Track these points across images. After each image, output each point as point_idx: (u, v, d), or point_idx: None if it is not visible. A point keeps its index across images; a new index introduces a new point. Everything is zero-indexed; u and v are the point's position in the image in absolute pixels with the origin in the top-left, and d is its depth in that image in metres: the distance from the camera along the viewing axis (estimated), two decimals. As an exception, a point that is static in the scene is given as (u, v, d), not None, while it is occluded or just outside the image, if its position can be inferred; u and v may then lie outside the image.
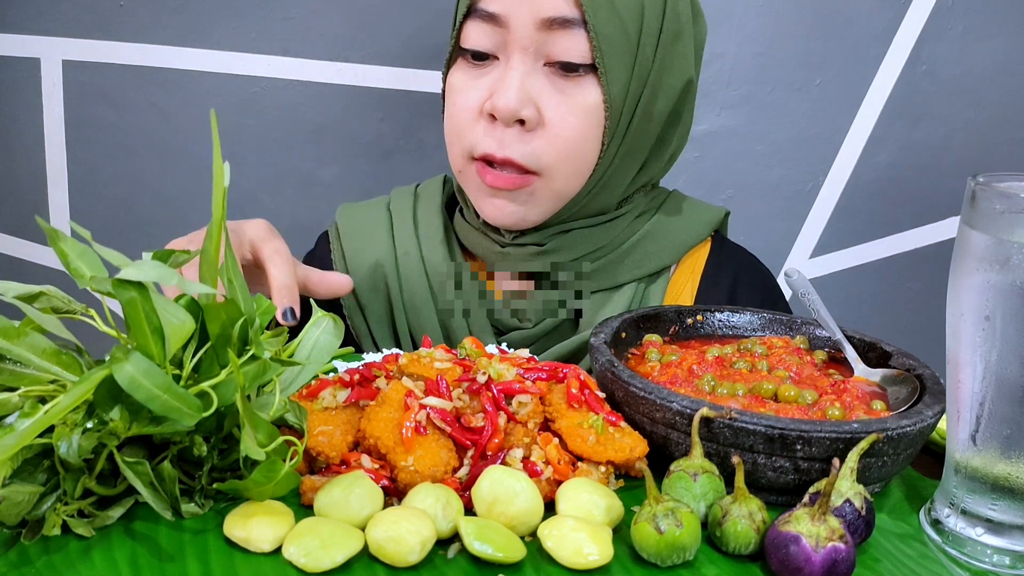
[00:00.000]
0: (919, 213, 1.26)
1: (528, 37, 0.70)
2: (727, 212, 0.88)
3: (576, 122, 0.72)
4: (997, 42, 1.18)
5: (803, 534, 0.45)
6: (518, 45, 0.70)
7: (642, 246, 0.82)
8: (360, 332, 0.85)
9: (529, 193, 0.74)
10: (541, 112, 0.71)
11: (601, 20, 0.69)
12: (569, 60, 0.70)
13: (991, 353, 0.48)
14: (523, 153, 0.72)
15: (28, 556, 0.44)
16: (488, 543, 0.44)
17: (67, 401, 0.41)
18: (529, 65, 0.71)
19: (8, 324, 0.45)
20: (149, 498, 0.44)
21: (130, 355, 0.42)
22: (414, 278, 0.82)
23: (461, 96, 0.74)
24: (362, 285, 0.84)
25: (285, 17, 1.13)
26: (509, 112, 0.70)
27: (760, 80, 1.20)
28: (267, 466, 0.45)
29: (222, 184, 0.46)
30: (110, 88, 1.15)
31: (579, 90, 0.72)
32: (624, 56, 0.71)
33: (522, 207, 0.75)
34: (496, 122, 0.72)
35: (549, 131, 0.72)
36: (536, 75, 0.71)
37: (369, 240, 0.86)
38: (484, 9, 0.71)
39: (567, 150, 0.73)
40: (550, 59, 0.71)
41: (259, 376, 0.47)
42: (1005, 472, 0.49)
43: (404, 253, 0.83)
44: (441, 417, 0.52)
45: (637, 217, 0.82)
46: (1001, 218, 0.47)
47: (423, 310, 0.82)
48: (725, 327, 0.72)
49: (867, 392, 0.60)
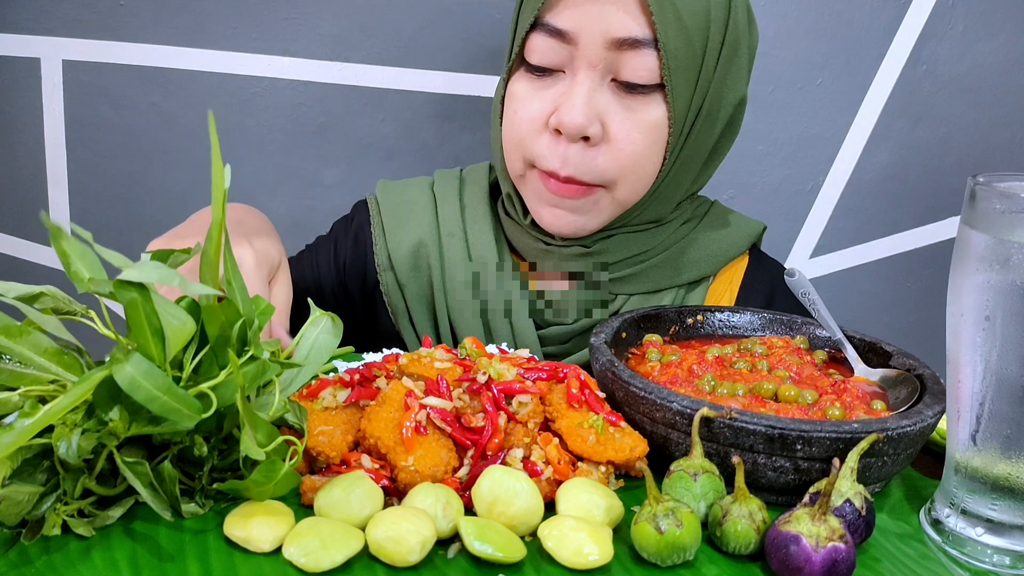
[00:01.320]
0: (920, 213, 1.26)
1: (597, 55, 0.70)
2: (765, 227, 0.89)
3: (641, 138, 0.72)
4: (998, 42, 1.18)
5: (803, 534, 0.45)
6: (586, 62, 0.70)
7: (684, 254, 0.82)
8: (397, 310, 0.85)
9: (593, 203, 0.75)
10: (606, 128, 0.72)
11: (671, 39, 0.68)
12: (637, 81, 0.70)
13: (991, 353, 0.48)
14: (586, 171, 0.72)
15: (28, 556, 0.44)
16: (488, 543, 0.45)
17: (66, 401, 0.41)
18: (596, 81, 0.71)
19: (10, 323, 0.45)
20: (148, 498, 0.45)
21: (130, 356, 0.42)
22: (457, 260, 0.82)
23: (524, 106, 0.74)
24: (403, 264, 0.84)
25: (285, 17, 1.13)
26: (576, 129, 0.70)
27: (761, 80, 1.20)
28: (267, 466, 0.45)
29: (222, 186, 0.46)
30: (110, 88, 1.15)
31: (645, 107, 0.72)
32: (689, 72, 0.71)
33: (582, 217, 0.76)
34: (561, 137, 0.72)
35: (613, 147, 0.72)
36: (602, 91, 0.71)
37: (412, 218, 0.85)
38: (552, 24, 0.70)
39: (631, 165, 0.73)
40: (617, 77, 0.71)
41: (258, 377, 0.47)
42: (1005, 472, 0.49)
43: (449, 234, 0.83)
44: (441, 417, 0.52)
45: (682, 225, 0.83)
46: (1001, 218, 0.47)
47: (462, 294, 0.81)
48: (725, 327, 0.72)
49: (867, 392, 0.60)
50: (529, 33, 0.72)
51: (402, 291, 0.84)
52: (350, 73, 1.16)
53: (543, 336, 0.81)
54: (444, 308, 0.82)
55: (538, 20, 0.71)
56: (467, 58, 1.15)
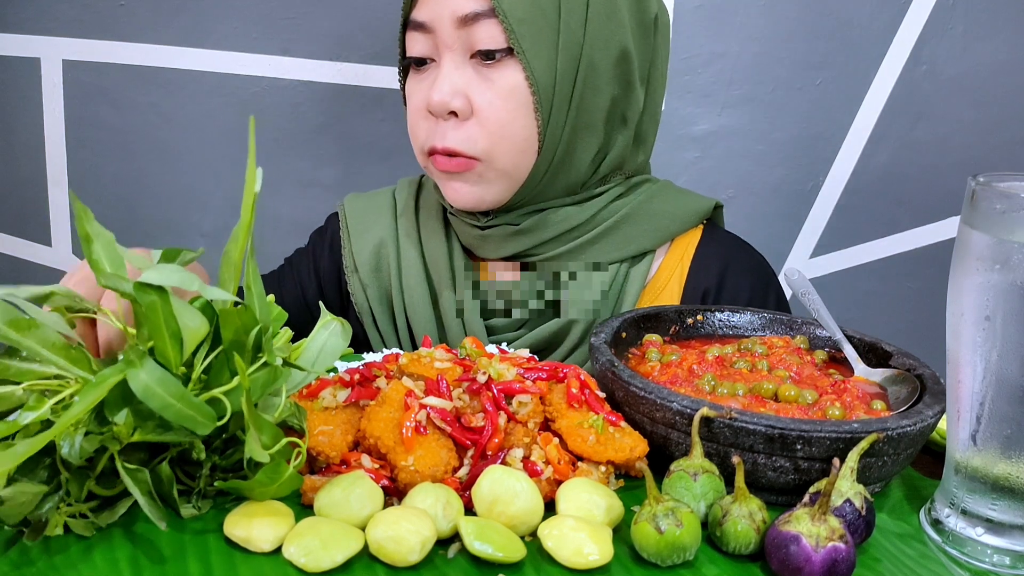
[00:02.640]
0: (919, 213, 1.26)
1: (451, 36, 0.76)
2: (719, 204, 0.90)
3: (502, 104, 0.76)
4: (998, 41, 1.18)
5: (803, 534, 0.45)
6: (445, 45, 0.76)
7: (622, 229, 0.84)
8: (362, 311, 0.89)
9: (478, 175, 0.79)
10: (472, 101, 0.76)
11: (511, 6, 0.73)
12: (486, 48, 0.75)
13: (991, 353, 0.48)
14: (459, 140, 0.77)
15: (29, 556, 0.44)
16: (488, 543, 0.45)
17: (80, 407, 0.41)
18: (457, 61, 0.76)
19: (19, 316, 0.45)
20: (146, 507, 0.44)
21: (145, 362, 0.42)
22: (411, 261, 0.87)
23: (411, 100, 0.81)
24: (365, 266, 0.89)
25: (285, 17, 1.13)
26: (439, 105, 0.76)
27: (761, 80, 1.20)
28: (271, 468, 0.45)
29: (253, 188, 0.46)
30: (110, 88, 1.15)
31: (500, 75, 0.76)
32: (544, 35, 0.75)
33: (476, 187, 0.79)
34: (436, 118, 0.77)
35: (480, 116, 0.76)
36: (464, 68, 0.77)
37: (373, 222, 0.90)
38: (416, 19, 0.78)
39: (499, 131, 0.77)
40: (473, 51, 0.76)
41: (270, 383, 0.47)
42: (1005, 472, 0.49)
43: (405, 235, 0.88)
44: (441, 417, 0.52)
45: (616, 199, 0.85)
46: (1001, 218, 0.47)
47: (418, 291, 0.86)
48: (725, 327, 0.72)
49: (867, 392, 0.60)
50: (404, 33, 0.79)
51: (365, 292, 0.89)
52: (350, 73, 1.16)
53: (492, 326, 0.84)
54: (401, 308, 0.87)
55: (406, 19, 0.79)
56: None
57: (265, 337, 0.47)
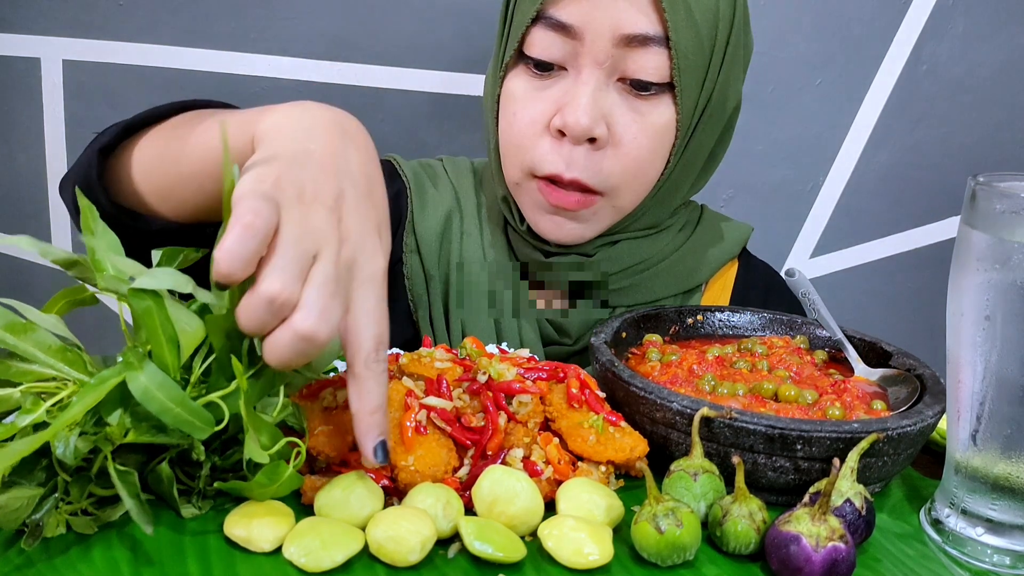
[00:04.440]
0: (920, 213, 1.26)
1: (604, 51, 0.66)
2: (752, 229, 0.87)
3: (647, 143, 0.69)
4: (998, 41, 1.18)
5: (803, 534, 0.45)
6: (591, 59, 0.67)
7: (681, 261, 0.79)
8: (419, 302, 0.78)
9: (592, 212, 0.71)
10: (612, 130, 0.68)
11: (682, 37, 0.66)
12: (647, 79, 0.67)
13: (991, 353, 0.48)
14: (591, 173, 0.69)
15: (28, 556, 0.44)
16: (488, 543, 0.44)
17: (78, 409, 0.41)
18: (601, 80, 0.67)
19: (15, 320, 0.45)
20: (133, 510, 0.43)
21: (144, 365, 0.42)
22: (474, 258, 0.78)
23: (523, 108, 0.70)
24: (428, 233, 0.78)
25: (285, 17, 1.13)
26: (581, 131, 0.66)
27: (760, 80, 1.20)
28: (271, 468, 0.45)
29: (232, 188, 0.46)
30: (111, 88, 1.15)
31: (653, 109, 0.69)
32: (697, 72, 0.68)
33: (582, 225, 0.72)
34: (564, 139, 0.68)
35: (620, 151, 0.69)
36: (608, 91, 0.68)
37: (438, 201, 0.80)
38: (555, 17, 0.67)
39: (636, 169, 0.70)
40: (624, 76, 0.67)
41: (269, 386, 0.47)
42: (1005, 472, 0.49)
43: (467, 234, 0.79)
44: (441, 417, 0.52)
45: (679, 231, 0.81)
46: (1002, 218, 0.47)
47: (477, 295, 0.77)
48: (725, 327, 0.72)
49: (867, 392, 0.60)
50: (529, 27, 0.68)
51: (427, 281, 0.78)
52: (349, 73, 1.16)
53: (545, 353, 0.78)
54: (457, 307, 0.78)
55: (540, 13, 0.67)
56: (466, 58, 1.14)
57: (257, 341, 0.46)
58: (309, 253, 0.43)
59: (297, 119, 0.50)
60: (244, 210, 0.41)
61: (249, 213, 0.41)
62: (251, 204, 0.41)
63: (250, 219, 0.41)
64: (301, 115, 0.50)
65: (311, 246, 0.43)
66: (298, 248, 0.42)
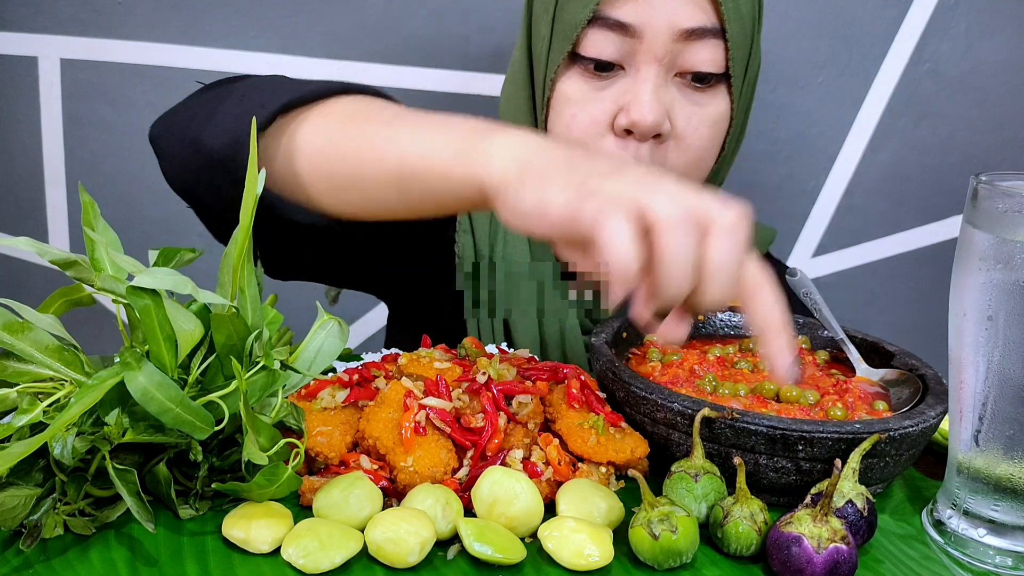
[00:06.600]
0: (922, 212, 1.26)
1: (663, 47, 0.67)
2: (776, 232, 0.88)
3: (708, 132, 0.71)
4: (1001, 40, 1.18)
5: (805, 535, 0.44)
6: (650, 55, 0.67)
7: None
8: (465, 254, 0.78)
9: None
10: (673, 124, 0.70)
11: (735, 27, 0.68)
12: (705, 71, 0.68)
13: (994, 353, 0.48)
14: (655, 167, 0.68)
15: (26, 557, 0.43)
16: (488, 544, 0.44)
17: (76, 409, 0.41)
18: (661, 76, 0.68)
19: (12, 319, 0.44)
20: (134, 508, 0.43)
21: (143, 365, 0.42)
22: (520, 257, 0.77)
23: (583, 109, 0.70)
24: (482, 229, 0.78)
25: (284, 15, 1.13)
26: (649, 127, 0.67)
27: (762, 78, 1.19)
28: (270, 469, 0.45)
29: (255, 191, 0.46)
30: (108, 87, 1.15)
31: (711, 100, 0.70)
32: (745, 62, 0.70)
33: None
34: (629, 137, 0.69)
35: (682, 143, 0.70)
36: (667, 86, 0.69)
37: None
38: (613, 17, 0.67)
39: (698, 160, 0.72)
40: (683, 70, 0.69)
41: (268, 386, 0.47)
42: (1008, 473, 0.49)
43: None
44: (441, 417, 0.52)
45: None
46: (1004, 217, 0.47)
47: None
48: (727, 327, 0.72)
49: (869, 392, 0.59)
50: (584, 28, 0.68)
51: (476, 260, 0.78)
52: (350, 72, 1.15)
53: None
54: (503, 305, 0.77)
55: (597, 14, 0.68)
56: (467, 56, 1.14)
57: (259, 343, 0.46)
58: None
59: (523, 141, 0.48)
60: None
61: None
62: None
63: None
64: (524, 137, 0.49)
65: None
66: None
